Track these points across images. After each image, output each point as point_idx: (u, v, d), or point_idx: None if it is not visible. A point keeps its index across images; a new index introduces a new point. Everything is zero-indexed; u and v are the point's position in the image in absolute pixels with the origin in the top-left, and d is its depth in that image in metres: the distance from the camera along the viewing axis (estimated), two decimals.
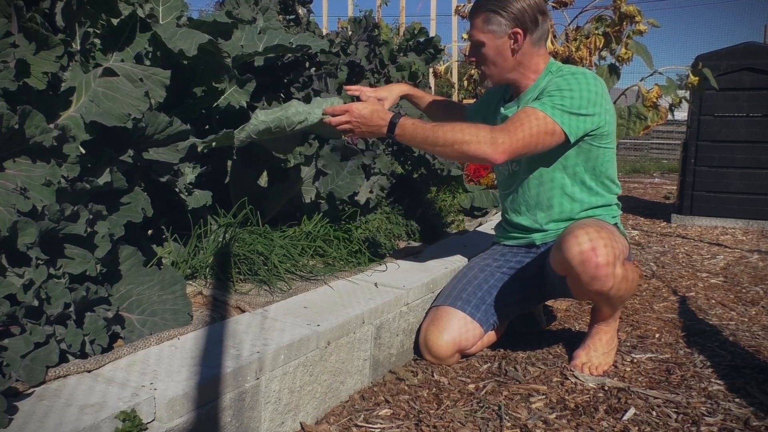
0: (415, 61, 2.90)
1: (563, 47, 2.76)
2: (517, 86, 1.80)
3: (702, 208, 4.35)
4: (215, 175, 2.02)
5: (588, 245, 1.51)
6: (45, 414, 0.98)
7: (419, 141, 1.64)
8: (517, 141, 1.57)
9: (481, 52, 1.74)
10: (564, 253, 1.55)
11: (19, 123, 1.17)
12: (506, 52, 1.71)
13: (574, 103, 1.61)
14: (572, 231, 1.56)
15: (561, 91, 1.62)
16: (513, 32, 1.68)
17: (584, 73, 1.68)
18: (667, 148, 11.97)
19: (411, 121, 1.64)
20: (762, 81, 4.14)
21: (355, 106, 1.65)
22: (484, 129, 1.60)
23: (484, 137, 1.56)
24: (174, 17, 1.95)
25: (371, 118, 1.64)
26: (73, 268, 1.26)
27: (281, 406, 1.33)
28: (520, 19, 1.67)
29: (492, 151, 1.55)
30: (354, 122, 1.65)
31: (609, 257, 1.51)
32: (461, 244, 2.37)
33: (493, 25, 1.68)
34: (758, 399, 1.53)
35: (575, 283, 1.59)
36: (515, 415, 1.45)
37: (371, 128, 1.66)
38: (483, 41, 1.71)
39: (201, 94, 1.97)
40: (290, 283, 1.76)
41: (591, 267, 1.51)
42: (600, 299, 1.63)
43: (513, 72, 1.75)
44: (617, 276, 1.53)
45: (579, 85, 1.63)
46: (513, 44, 1.70)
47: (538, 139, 1.59)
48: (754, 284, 2.71)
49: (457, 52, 5.76)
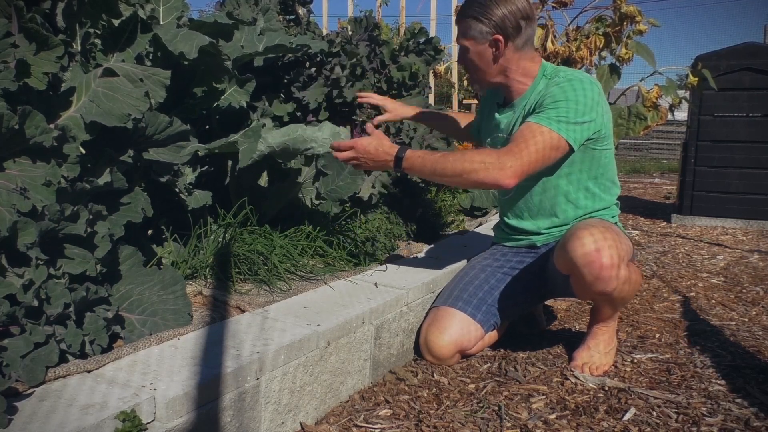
0: (416, 62, 2.90)
1: (563, 47, 2.76)
2: (509, 91, 1.79)
3: (702, 208, 4.35)
4: (215, 175, 2.02)
5: (593, 246, 1.51)
6: (47, 414, 0.98)
7: (428, 173, 1.63)
8: (525, 162, 1.55)
9: (466, 58, 1.75)
10: (569, 253, 1.55)
11: (20, 123, 1.17)
12: (488, 58, 1.71)
13: (574, 113, 1.59)
14: (577, 231, 1.56)
15: (558, 102, 1.60)
16: (494, 39, 1.67)
17: (580, 78, 1.66)
18: (667, 148, 11.97)
19: (418, 154, 1.63)
20: (762, 81, 4.13)
21: (359, 142, 1.64)
22: (490, 154, 1.58)
23: (491, 163, 1.54)
24: (174, 18, 1.95)
25: (377, 153, 1.64)
26: (73, 268, 1.26)
27: (281, 406, 1.33)
28: (501, 26, 1.66)
29: (501, 176, 1.54)
30: (360, 158, 1.65)
31: (614, 259, 1.51)
32: (461, 244, 2.37)
33: (474, 32, 1.68)
34: (758, 399, 1.53)
35: (579, 283, 1.59)
36: (515, 415, 1.45)
37: (378, 163, 1.66)
38: (467, 47, 1.72)
39: (201, 94, 1.97)
40: (290, 283, 1.76)
41: (596, 268, 1.51)
42: (603, 300, 1.62)
43: (498, 77, 1.75)
44: (621, 277, 1.53)
45: (575, 93, 1.61)
46: (494, 51, 1.69)
47: (545, 155, 1.57)
48: (754, 284, 2.70)
49: (457, 52, 5.75)
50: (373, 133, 1.69)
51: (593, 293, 1.58)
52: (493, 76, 1.75)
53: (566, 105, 1.60)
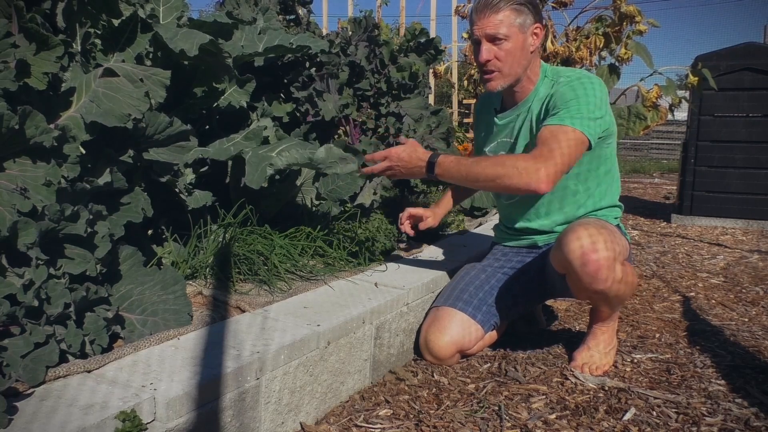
0: (416, 62, 2.90)
1: (563, 47, 2.77)
2: (518, 91, 1.77)
3: (702, 208, 4.36)
4: (215, 175, 2.02)
5: (588, 244, 1.51)
6: (48, 414, 0.98)
7: (460, 179, 1.63)
8: (558, 163, 1.52)
9: (505, 49, 1.65)
10: (564, 251, 1.55)
11: (20, 123, 1.17)
12: (527, 49, 1.67)
13: (587, 109, 1.59)
14: (573, 230, 1.56)
15: (570, 102, 1.60)
16: (535, 28, 1.65)
17: (588, 76, 1.67)
18: (667, 148, 11.98)
19: (450, 159, 1.62)
20: (762, 81, 4.14)
21: (394, 150, 1.66)
22: (522, 159, 1.57)
23: (524, 167, 1.52)
24: (174, 17, 1.95)
25: (410, 160, 1.65)
26: (73, 268, 1.26)
27: (282, 406, 1.33)
28: (539, 13, 1.65)
29: (536, 180, 1.51)
30: (395, 166, 1.66)
31: (609, 257, 1.50)
32: (461, 244, 2.37)
33: (520, 19, 1.63)
34: (758, 399, 1.53)
35: (574, 281, 1.59)
36: (515, 415, 1.45)
37: (411, 169, 1.66)
38: (508, 35, 1.63)
39: (201, 94, 1.97)
40: (290, 283, 1.76)
41: (590, 266, 1.51)
42: (599, 298, 1.62)
43: (523, 71, 1.71)
44: (616, 276, 1.53)
45: (585, 90, 1.61)
46: (534, 40, 1.67)
47: (573, 154, 1.56)
48: (754, 284, 2.71)
49: (457, 52, 5.76)
50: (406, 143, 1.69)
51: (589, 291, 1.58)
52: (522, 69, 1.70)
53: (578, 102, 1.59)
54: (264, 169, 1.72)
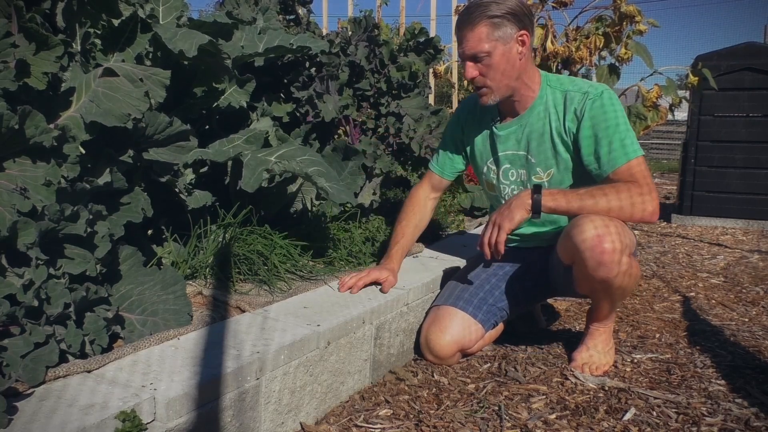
0: (415, 62, 2.90)
1: (563, 47, 2.76)
2: (517, 100, 1.73)
3: (702, 208, 4.36)
4: (215, 175, 2.02)
5: (596, 232, 1.51)
6: (48, 414, 0.98)
7: (573, 213, 1.61)
8: (655, 195, 1.58)
9: (488, 64, 1.63)
10: (572, 239, 1.55)
11: (19, 123, 1.17)
12: (514, 59, 1.65)
13: (625, 127, 1.62)
14: (586, 217, 1.55)
15: (610, 128, 1.61)
16: (520, 35, 1.62)
17: (606, 89, 1.67)
18: (667, 148, 11.97)
19: (551, 197, 1.58)
20: (762, 81, 4.14)
21: (494, 215, 1.61)
22: (626, 192, 1.57)
23: (638, 204, 1.56)
24: (174, 17, 1.95)
25: (512, 212, 1.58)
26: (72, 268, 1.26)
27: (282, 406, 1.33)
28: (522, 20, 1.61)
29: (650, 213, 1.57)
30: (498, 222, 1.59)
31: (616, 245, 1.50)
32: (461, 244, 2.37)
33: (499, 32, 1.61)
34: (759, 399, 1.53)
35: (580, 270, 1.58)
36: (515, 415, 1.45)
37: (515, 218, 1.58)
38: (489, 51, 1.62)
39: (201, 94, 1.97)
40: (290, 283, 1.76)
41: (598, 252, 1.51)
42: (602, 289, 1.60)
43: (516, 81, 1.68)
44: (623, 265, 1.53)
45: (613, 106, 1.63)
46: (521, 48, 1.64)
47: (649, 174, 1.62)
48: (754, 284, 2.70)
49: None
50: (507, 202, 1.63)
51: (594, 280, 1.56)
52: (514, 80, 1.68)
53: (617, 122, 1.61)
54: (260, 174, 1.72)
